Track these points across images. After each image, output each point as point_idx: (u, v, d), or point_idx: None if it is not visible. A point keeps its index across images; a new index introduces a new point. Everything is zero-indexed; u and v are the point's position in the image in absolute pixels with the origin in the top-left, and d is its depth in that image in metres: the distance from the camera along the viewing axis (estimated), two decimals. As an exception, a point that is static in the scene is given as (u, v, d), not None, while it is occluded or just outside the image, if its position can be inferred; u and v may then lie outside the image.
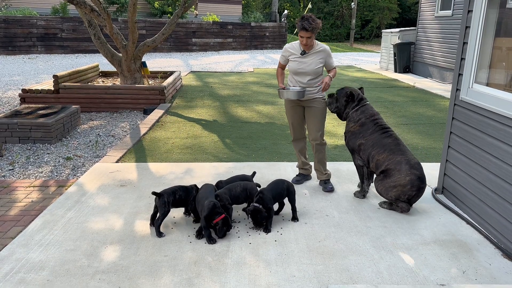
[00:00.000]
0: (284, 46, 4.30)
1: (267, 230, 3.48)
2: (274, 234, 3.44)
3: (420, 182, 3.75)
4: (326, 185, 4.36)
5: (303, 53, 4.17)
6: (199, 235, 3.35)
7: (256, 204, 3.51)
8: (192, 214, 3.73)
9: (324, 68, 4.27)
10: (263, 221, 3.47)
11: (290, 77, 4.34)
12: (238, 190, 3.66)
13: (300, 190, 4.36)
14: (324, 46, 4.19)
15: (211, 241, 3.27)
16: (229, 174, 4.79)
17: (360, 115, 3.96)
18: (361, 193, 4.08)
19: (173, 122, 7.39)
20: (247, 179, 4.05)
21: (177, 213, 3.77)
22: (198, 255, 3.13)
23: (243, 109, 8.51)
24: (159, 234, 3.38)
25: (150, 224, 3.55)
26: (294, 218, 3.68)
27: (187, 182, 4.52)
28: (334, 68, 4.28)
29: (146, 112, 8.03)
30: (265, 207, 3.49)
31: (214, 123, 7.40)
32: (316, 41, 4.24)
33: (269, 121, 7.59)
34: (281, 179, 3.79)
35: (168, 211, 3.47)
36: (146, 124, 7.01)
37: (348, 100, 4.07)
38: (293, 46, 4.23)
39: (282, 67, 4.39)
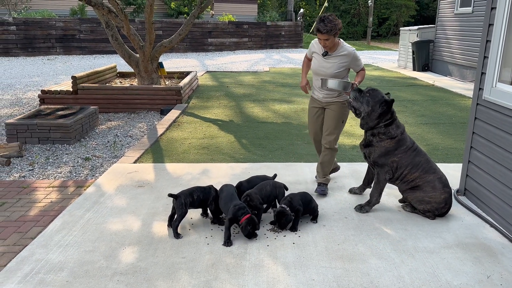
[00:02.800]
0: (312, 41, 4.23)
1: (294, 229, 3.50)
2: (292, 237, 3.41)
3: (451, 200, 3.76)
4: (319, 187, 4.21)
5: (325, 54, 4.06)
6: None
7: (284, 206, 3.53)
8: (210, 215, 3.72)
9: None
10: (287, 224, 3.48)
11: (313, 76, 4.32)
12: (269, 189, 3.70)
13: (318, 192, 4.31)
14: (349, 49, 3.97)
15: (228, 243, 3.27)
16: (245, 175, 4.77)
17: (396, 130, 3.76)
18: (370, 206, 3.92)
19: (190, 122, 7.41)
20: (267, 178, 4.02)
21: (194, 214, 3.77)
22: (215, 257, 3.12)
23: (259, 109, 8.49)
24: (177, 235, 3.38)
25: (168, 225, 3.55)
26: (314, 219, 3.69)
27: (203, 182, 4.52)
28: (362, 69, 4.11)
29: (163, 112, 8.07)
30: (293, 209, 3.52)
31: (230, 123, 7.39)
32: (343, 42, 4.05)
33: (286, 121, 7.55)
34: (307, 193, 3.82)
35: (186, 212, 3.47)
36: (163, 124, 7.05)
37: (383, 111, 3.71)
38: (319, 44, 4.10)
39: (308, 58, 4.33)
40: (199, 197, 3.57)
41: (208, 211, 3.72)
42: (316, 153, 5.70)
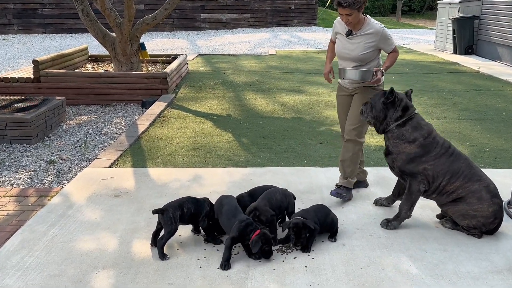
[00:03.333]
0: (335, 20, 4.30)
1: (307, 249, 3.52)
2: (304, 259, 3.42)
3: (502, 213, 3.77)
4: (336, 189, 4.31)
5: (349, 33, 4.11)
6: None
7: (300, 218, 3.58)
8: (202, 232, 3.73)
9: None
10: (303, 239, 3.52)
11: (338, 60, 4.36)
12: (279, 198, 3.79)
13: (336, 203, 4.32)
14: (377, 27, 4.05)
15: (225, 266, 3.28)
16: (246, 182, 4.79)
17: (414, 133, 3.80)
18: (399, 221, 3.92)
19: (178, 117, 7.43)
20: (274, 187, 4.04)
21: (184, 230, 3.78)
22: (210, 283, 3.12)
23: (264, 101, 8.51)
24: (163, 256, 3.39)
25: (152, 244, 3.56)
26: (332, 236, 3.71)
27: (195, 191, 4.53)
28: (394, 51, 4.16)
29: (145, 105, 8.10)
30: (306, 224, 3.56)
31: (227, 119, 7.40)
32: (370, 18, 4.11)
33: (296, 116, 7.57)
34: (324, 206, 3.88)
35: (176, 229, 3.49)
36: (145, 119, 7.07)
37: (386, 104, 3.85)
38: (341, 22, 4.17)
39: (333, 42, 4.43)
40: (190, 211, 3.58)
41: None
42: (339, 154, 5.72)
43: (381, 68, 4.10)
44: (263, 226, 3.51)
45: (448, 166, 3.75)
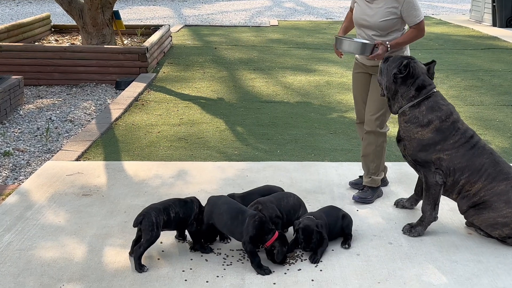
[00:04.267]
0: None
1: (315, 260, 3.54)
2: (310, 271, 3.43)
3: None
4: (359, 193, 4.41)
5: None
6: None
7: (310, 217, 3.63)
8: (188, 239, 3.75)
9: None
10: (314, 243, 3.56)
11: (356, 30, 4.38)
12: (291, 202, 3.86)
13: (349, 205, 4.35)
14: None
15: (266, 270, 3.37)
16: (241, 179, 4.79)
17: (429, 114, 3.80)
18: (423, 226, 3.92)
19: (160, 101, 7.43)
20: (275, 192, 4.04)
21: (166, 237, 3.79)
22: (196, 300, 3.14)
23: (263, 82, 8.50)
24: (140, 267, 3.40)
25: (130, 253, 3.58)
26: (345, 243, 3.74)
27: (179, 190, 4.54)
28: (417, 27, 4.13)
29: (120, 86, 8.10)
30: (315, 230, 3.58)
31: (219, 103, 7.41)
32: None
33: (302, 100, 7.58)
34: (335, 207, 3.92)
35: (157, 236, 3.49)
36: (120, 103, 7.07)
37: (397, 77, 3.84)
38: None
39: (351, 10, 4.47)
40: (178, 215, 3.61)
41: (187, 233, 3.75)
42: (353, 147, 5.75)
43: (387, 42, 4.11)
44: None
45: (467, 160, 3.74)
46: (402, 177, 4.88)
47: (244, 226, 3.43)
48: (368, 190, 4.41)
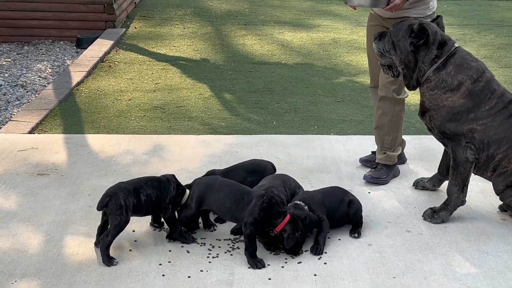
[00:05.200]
0: None
1: (317, 249, 3.56)
2: (312, 264, 3.46)
3: None
4: (371, 172, 4.43)
5: None
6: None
7: (299, 202, 3.65)
8: (165, 226, 3.76)
9: None
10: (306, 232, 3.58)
11: None
12: (293, 185, 3.95)
13: (360, 187, 4.36)
14: None
15: (257, 264, 3.39)
16: (230, 155, 4.79)
17: (458, 75, 3.78)
18: (449, 211, 3.95)
19: (131, 62, 7.39)
20: (265, 169, 4.08)
21: (139, 224, 3.80)
22: (176, 298, 3.17)
23: (256, 40, 8.46)
24: (109, 260, 3.41)
25: (96, 243, 3.58)
26: (354, 231, 3.77)
27: (155, 168, 4.53)
28: None
29: (82, 43, 8.04)
30: (310, 218, 3.59)
31: (203, 65, 7.38)
32: None
33: (304, 61, 7.56)
34: (340, 188, 3.94)
35: (126, 221, 3.49)
36: (82, 65, 7.03)
37: (416, 44, 3.82)
38: None
39: None
40: (151, 198, 3.60)
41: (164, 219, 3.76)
42: (364, 117, 5.77)
43: None
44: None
45: (506, 130, 3.73)
46: (423, 153, 4.90)
47: (250, 207, 3.46)
48: (382, 169, 4.42)
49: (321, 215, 3.64)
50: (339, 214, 3.76)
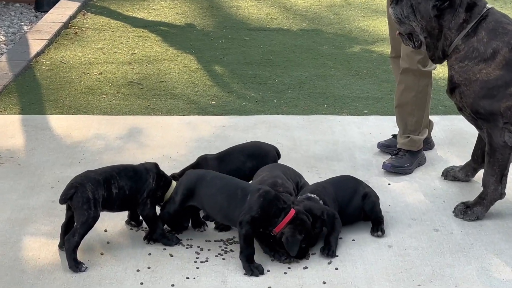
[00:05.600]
0: None
1: (330, 252, 3.56)
2: (321, 269, 3.45)
3: None
4: (392, 159, 4.44)
5: None
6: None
7: (311, 195, 3.65)
8: (144, 225, 3.76)
9: None
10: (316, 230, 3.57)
11: None
12: (292, 174, 3.94)
13: (378, 176, 4.36)
14: None
15: (253, 271, 3.36)
16: (221, 140, 4.80)
17: (492, 41, 3.75)
18: (484, 207, 3.95)
19: (101, 28, 7.37)
20: (267, 154, 4.09)
21: (112, 222, 3.80)
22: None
23: (252, 1, 8.39)
24: (76, 265, 3.40)
25: (60, 245, 3.57)
26: (375, 229, 3.77)
27: (132, 157, 4.53)
28: None
29: (42, 6, 8.02)
30: (317, 214, 3.57)
31: (189, 32, 7.37)
32: None
33: (310, 27, 7.54)
34: (353, 178, 3.94)
35: (96, 217, 3.47)
36: (42, 32, 7.01)
37: (440, 8, 3.79)
38: None
39: None
40: (123, 190, 3.59)
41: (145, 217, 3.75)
42: (384, 94, 5.77)
43: None
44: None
45: None
46: (454, 137, 4.90)
47: (245, 204, 3.44)
48: (404, 156, 4.42)
49: (331, 212, 3.63)
50: (352, 209, 3.76)
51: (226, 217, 3.57)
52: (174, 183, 3.73)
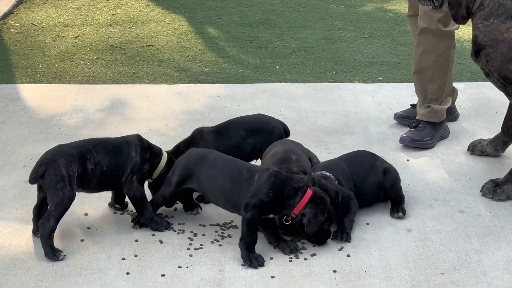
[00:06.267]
0: None
1: (344, 235, 3.57)
2: (331, 256, 3.46)
3: None
4: (411, 132, 4.46)
5: None
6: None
7: (325, 173, 3.66)
8: (131, 209, 3.77)
9: None
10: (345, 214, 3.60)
11: None
12: (305, 151, 3.93)
13: (395, 152, 4.37)
14: None
15: (252, 262, 3.35)
16: (216, 112, 4.81)
17: None
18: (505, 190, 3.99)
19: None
20: (273, 130, 4.08)
21: (93, 205, 3.81)
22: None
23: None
24: (53, 253, 3.40)
25: (34, 231, 3.58)
26: (395, 209, 3.78)
27: (114, 131, 4.52)
28: None
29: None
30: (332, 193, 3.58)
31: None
32: None
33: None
34: (369, 153, 3.95)
35: (71, 197, 3.46)
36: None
37: None
38: None
39: None
40: (100, 166, 3.59)
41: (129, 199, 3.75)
42: (401, 58, 5.77)
43: None
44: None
45: None
46: (481, 106, 4.90)
47: (253, 185, 3.43)
48: (425, 128, 4.43)
49: (348, 192, 3.65)
50: (369, 188, 3.77)
51: (230, 202, 3.54)
52: (165, 154, 3.73)
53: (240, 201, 3.41)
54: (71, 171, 3.45)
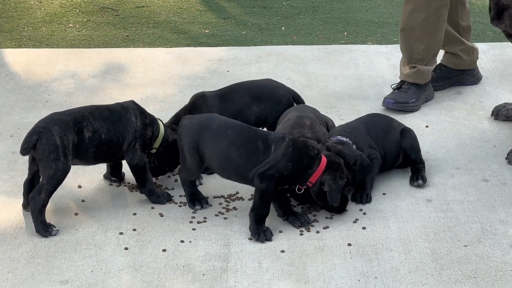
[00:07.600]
0: None
1: (363, 198, 3.65)
2: (345, 229, 3.50)
3: None
4: (393, 94, 4.54)
5: None
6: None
7: (341, 138, 3.68)
8: (128, 179, 3.81)
9: None
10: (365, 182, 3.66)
11: None
12: (322, 118, 3.99)
13: (414, 117, 4.39)
14: None
15: (260, 235, 3.39)
16: (218, 76, 4.85)
17: None
18: None
19: None
20: (281, 99, 4.08)
21: (87, 177, 3.84)
22: (144, 283, 3.19)
23: None
24: (45, 229, 3.43)
25: (24, 205, 3.61)
26: (417, 177, 3.81)
27: (108, 97, 4.55)
28: None
29: None
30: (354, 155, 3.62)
31: None
32: None
33: None
34: (382, 115, 4.03)
35: (66, 169, 3.50)
36: None
37: None
38: None
39: None
40: (99, 134, 3.60)
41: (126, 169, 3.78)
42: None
43: None
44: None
45: None
46: (505, 68, 4.93)
47: (270, 157, 3.43)
48: (409, 89, 4.48)
49: (370, 151, 3.71)
50: (388, 149, 3.81)
51: (243, 177, 3.53)
52: (161, 125, 3.75)
53: (254, 172, 3.41)
54: (66, 140, 3.46)
